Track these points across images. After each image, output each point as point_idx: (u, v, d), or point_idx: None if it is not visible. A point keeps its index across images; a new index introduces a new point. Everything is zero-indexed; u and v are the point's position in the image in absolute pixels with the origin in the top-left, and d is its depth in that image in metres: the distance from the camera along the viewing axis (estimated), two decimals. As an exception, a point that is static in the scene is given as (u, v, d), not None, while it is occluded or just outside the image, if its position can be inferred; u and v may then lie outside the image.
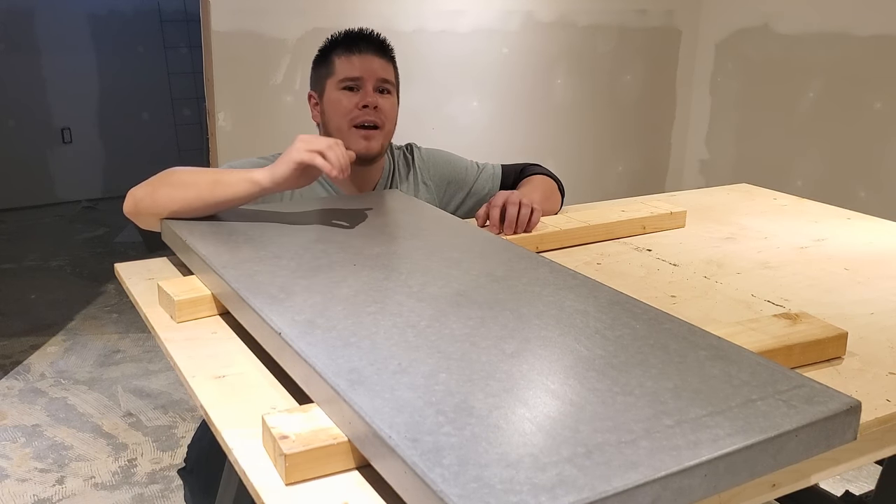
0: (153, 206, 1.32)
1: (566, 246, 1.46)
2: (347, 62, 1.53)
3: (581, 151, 3.80)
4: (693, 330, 0.91)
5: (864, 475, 2.27)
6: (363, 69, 1.53)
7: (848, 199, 3.21)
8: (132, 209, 1.35)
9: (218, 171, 1.37)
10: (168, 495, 2.20)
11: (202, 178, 1.31)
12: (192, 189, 1.30)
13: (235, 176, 1.30)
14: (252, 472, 0.75)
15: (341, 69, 1.54)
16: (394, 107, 1.58)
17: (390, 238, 1.27)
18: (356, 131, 1.53)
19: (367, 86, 1.53)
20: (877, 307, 1.19)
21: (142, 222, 1.36)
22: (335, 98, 1.54)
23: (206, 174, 1.33)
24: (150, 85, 5.31)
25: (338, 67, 1.54)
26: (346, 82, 1.53)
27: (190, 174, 1.34)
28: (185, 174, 1.34)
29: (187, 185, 1.30)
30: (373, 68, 1.53)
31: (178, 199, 1.30)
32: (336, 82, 1.54)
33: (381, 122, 1.54)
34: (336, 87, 1.54)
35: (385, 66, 1.56)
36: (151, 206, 1.32)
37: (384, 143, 1.57)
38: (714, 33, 3.81)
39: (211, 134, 2.93)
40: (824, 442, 0.74)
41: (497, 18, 3.40)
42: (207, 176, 1.32)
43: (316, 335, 0.88)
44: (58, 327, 3.32)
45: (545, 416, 0.72)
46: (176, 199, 1.30)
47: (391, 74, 1.57)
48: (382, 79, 1.54)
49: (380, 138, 1.54)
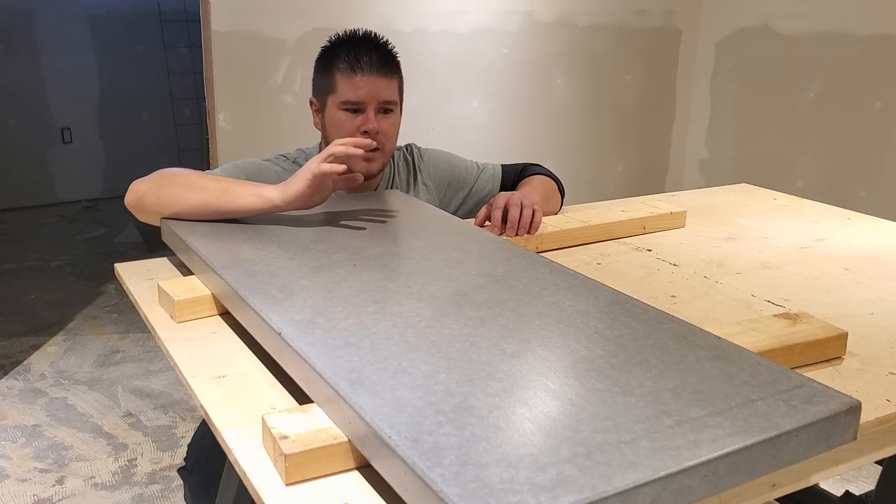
0: (157, 204, 1.31)
1: (566, 246, 1.46)
2: (350, 83, 1.48)
3: (581, 151, 3.80)
4: (693, 330, 0.91)
5: (864, 475, 2.27)
6: (366, 93, 1.48)
7: (848, 199, 3.21)
8: (135, 203, 1.34)
9: (229, 180, 1.35)
10: (168, 495, 2.20)
11: (211, 185, 1.30)
12: (199, 193, 1.29)
13: (246, 189, 1.29)
14: (252, 472, 0.75)
15: (343, 90, 1.49)
16: (395, 124, 1.54)
17: (390, 238, 1.27)
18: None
19: (370, 111, 1.49)
20: (877, 307, 1.19)
21: (141, 216, 1.35)
22: (337, 118, 1.50)
23: (215, 181, 1.32)
24: (150, 85, 5.31)
25: (340, 87, 1.49)
26: (348, 105, 1.49)
27: (199, 178, 1.32)
28: (193, 177, 1.33)
29: (195, 189, 1.29)
30: (376, 92, 1.48)
31: (183, 200, 1.29)
32: (338, 102, 1.50)
33: (382, 144, 1.51)
34: (337, 106, 1.50)
35: (388, 86, 1.51)
36: (155, 203, 1.31)
37: (385, 161, 1.55)
38: (714, 33, 3.81)
39: (211, 134, 2.93)
40: (824, 442, 0.74)
41: (497, 18, 3.40)
42: (217, 183, 1.31)
43: (316, 335, 0.88)
44: (58, 327, 3.32)
45: (545, 416, 0.72)
46: (181, 201, 1.29)
47: (394, 93, 1.53)
48: (385, 101, 1.50)
49: (380, 158, 1.53)
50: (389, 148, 1.55)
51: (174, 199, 1.30)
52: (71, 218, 4.94)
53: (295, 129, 2.93)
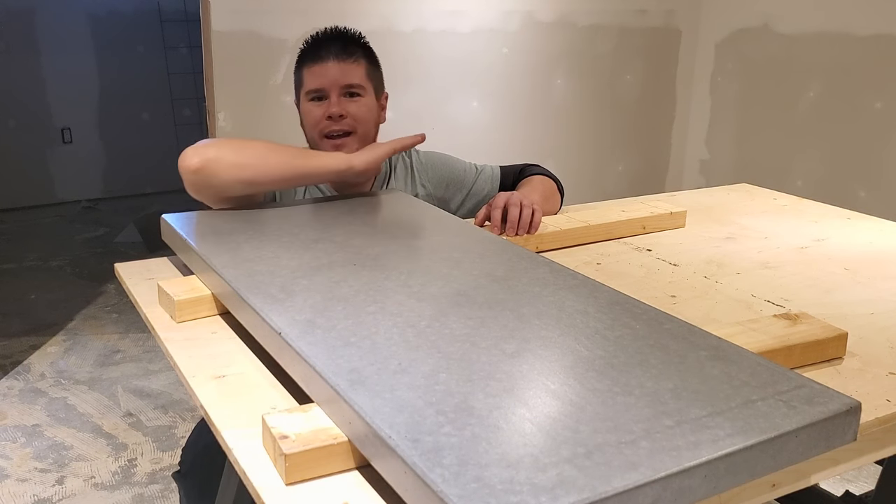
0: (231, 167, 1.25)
1: (566, 246, 1.46)
2: (311, 73, 1.54)
3: (581, 151, 3.80)
4: (693, 330, 0.91)
5: (864, 475, 2.28)
6: (325, 79, 1.52)
7: (848, 199, 3.21)
8: (201, 166, 1.26)
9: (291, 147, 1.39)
10: (168, 495, 2.20)
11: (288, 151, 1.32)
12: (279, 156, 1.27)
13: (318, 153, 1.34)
14: (252, 472, 0.75)
15: (308, 80, 1.55)
16: (367, 107, 1.56)
17: (390, 238, 1.27)
18: (327, 141, 1.54)
19: (332, 95, 1.53)
20: (877, 307, 1.19)
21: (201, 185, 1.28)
22: (306, 109, 1.56)
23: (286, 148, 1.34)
24: (150, 85, 5.32)
25: (305, 79, 1.55)
26: (312, 94, 1.54)
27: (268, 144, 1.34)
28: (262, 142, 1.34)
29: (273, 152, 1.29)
30: (334, 77, 1.52)
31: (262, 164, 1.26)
32: (305, 94, 1.56)
33: (353, 126, 1.53)
34: (305, 98, 1.56)
35: (349, 70, 1.53)
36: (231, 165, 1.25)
37: (361, 146, 1.53)
38: (714, 33, 3.81)
39: (211, 134, 2.93)
40: (824, 442, 0.74)
41: (497, 18, 3.40)
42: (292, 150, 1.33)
43: (316, 335, 0.88)
44: (58, 327, 3.32)
45: (545, 416, 0.72)
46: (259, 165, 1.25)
47: (359, 76, 1.55)
48: (346, 85, 1.53)
49: (354, 143, 1.54)
50: (365, 129, 1.56)
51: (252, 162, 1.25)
52: (71, 218, 4.94)
53: (295, 129, 2.91)
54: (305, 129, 1.59)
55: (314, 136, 1.56)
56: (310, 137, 1.58)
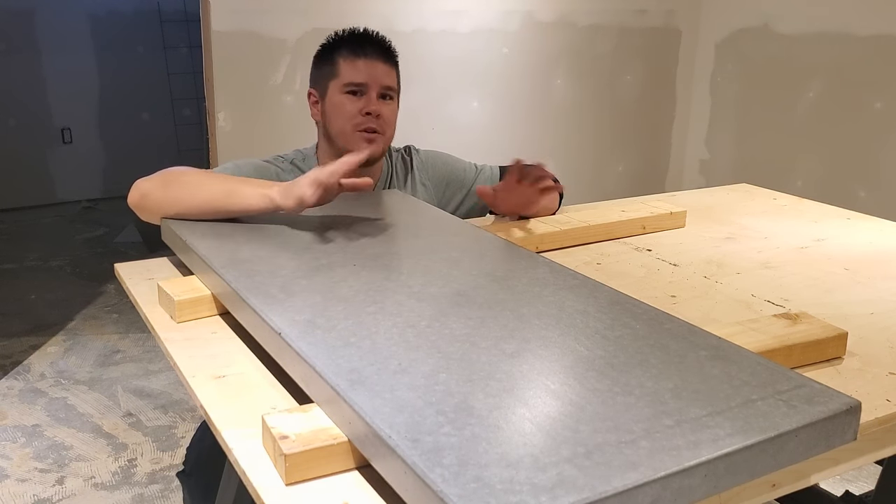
0: (161, 203, 1.30)
1: (566, 246, 1.46)
2: (352, 66, 1.51)
3: (581, 151, 3.80)
4: (693, 330, 0.91)
5: (864, 475, 2.27)
6: (368, 75, 1.51)
7: (848, 199, 3.21)
8: (138, 202, 1.33)
9: (233, 178, 1.35)
10: (168, 495, 2.20)
11: (216, 184, 1.30)
12: (204, 193, 1.28)
13: (251, 189, 1.29)
14: (252, 472, 0.75)
15: (346, 73, 1.51)
16: (394, 113, 1.57)
17: (390, 238, 1.27)
18: (361, 135, 1.52)
19: (371, 93, 1.51)
20: (877, 307, 1.19)
21: (144, 216, 1.35)
22: (338, 101, 1.52)
23: (220, 181, 1.32)
24: (150, 85, 5.31)
25: (342, 70, 1.52)
26: (351, 87, 1.51)
27: (204, 177, 1.32)
28: (197, 176, 1.32)
29: (200, 188, 1.29)
30: (378, 75, 1.51)
31: (187, 201, 1.28)
32: (340, 85, 1.52)
33: (383, 129, 1.53)
34: (340, 90, 1.52)
35: (389, 73, 1.54)
36: (160, 202, 1.31)
37: (385, 147, 1.56)
38: (714, 33, 3.81)
39: (211, 134, 2.93)
40: (824, 442, 0.74)
41: (497, 18, 3.40)
42: (222, 183, 1.30)
43: (316, 335, 0.88)
44: (58, 327, 3.32)
45: (545, 416, 0.72)
46: (185, 201, 1.29)
47: (394, 81, 1.56)
48: (386, 86, 1.53)
49: (381, 142, 1.54)
50: (390, 134, 1.56)
51: (178, 198, 1.29)
52: (71, 218, 4.94)
53: (295, 129, 2.93)
54: (334, 122, 1.54)
55: (347, 129, 1.52)
56: (339, 130, 1.53)
